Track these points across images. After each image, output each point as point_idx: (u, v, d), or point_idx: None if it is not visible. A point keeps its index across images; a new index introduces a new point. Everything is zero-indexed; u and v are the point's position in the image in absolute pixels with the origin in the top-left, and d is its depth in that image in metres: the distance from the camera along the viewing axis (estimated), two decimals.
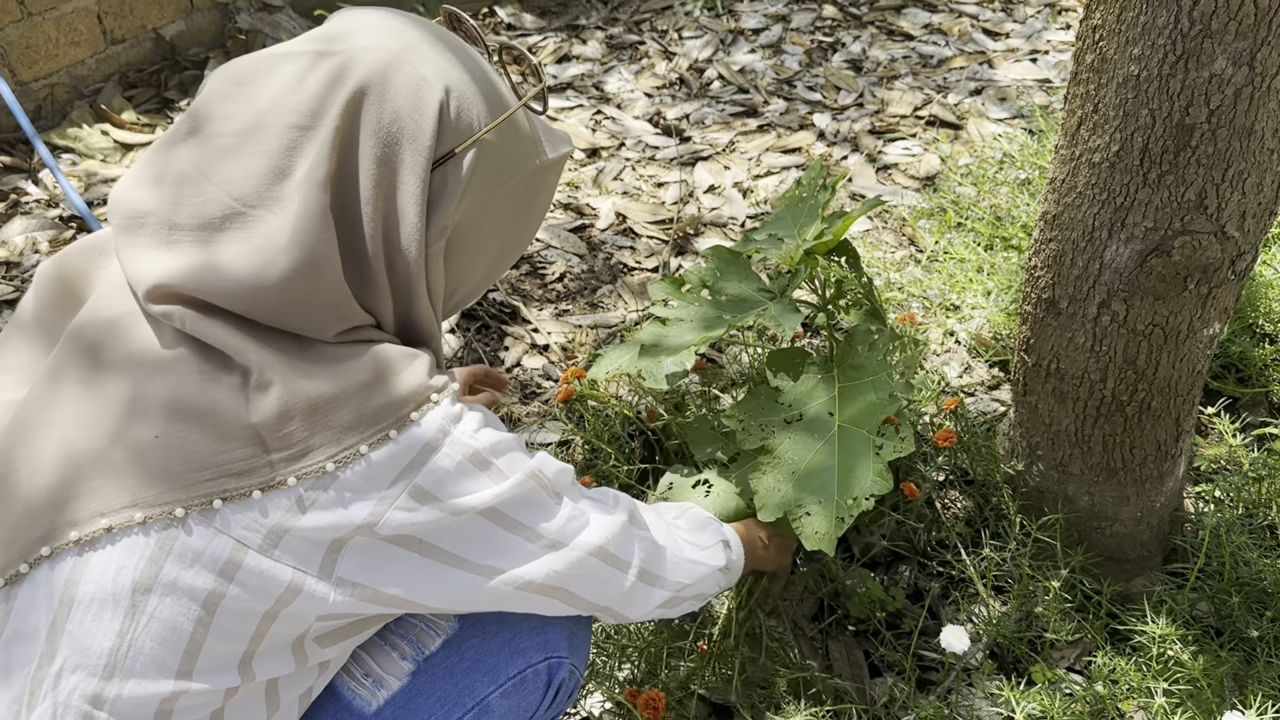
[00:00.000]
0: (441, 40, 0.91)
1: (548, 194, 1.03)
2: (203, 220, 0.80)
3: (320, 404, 0.79)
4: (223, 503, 0.77)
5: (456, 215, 0.89)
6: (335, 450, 0.79)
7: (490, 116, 0.90)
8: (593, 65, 3.36)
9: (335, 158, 0.82)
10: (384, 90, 0.84)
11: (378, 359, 0.83)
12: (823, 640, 1.50)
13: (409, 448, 0.82)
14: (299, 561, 0.79)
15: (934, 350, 2.02)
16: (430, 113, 0.85)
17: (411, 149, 0.84)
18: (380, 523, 0.80)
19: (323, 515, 0.79)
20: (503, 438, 0.89)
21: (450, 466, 0.83)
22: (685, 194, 2.68)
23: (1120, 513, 1.47)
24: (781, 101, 3.10)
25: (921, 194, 2.59)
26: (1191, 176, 1.16)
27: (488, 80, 0.92)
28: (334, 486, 0.79)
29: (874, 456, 1.22)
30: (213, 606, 0.77)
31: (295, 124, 0.82)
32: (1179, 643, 1.30)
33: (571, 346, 2.13)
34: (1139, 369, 1.33)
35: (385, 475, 0.81)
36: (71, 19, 2.99)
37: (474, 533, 0.86)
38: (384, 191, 0.84)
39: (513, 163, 0.93)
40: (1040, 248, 1.37)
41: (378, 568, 0.82)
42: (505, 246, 1.00)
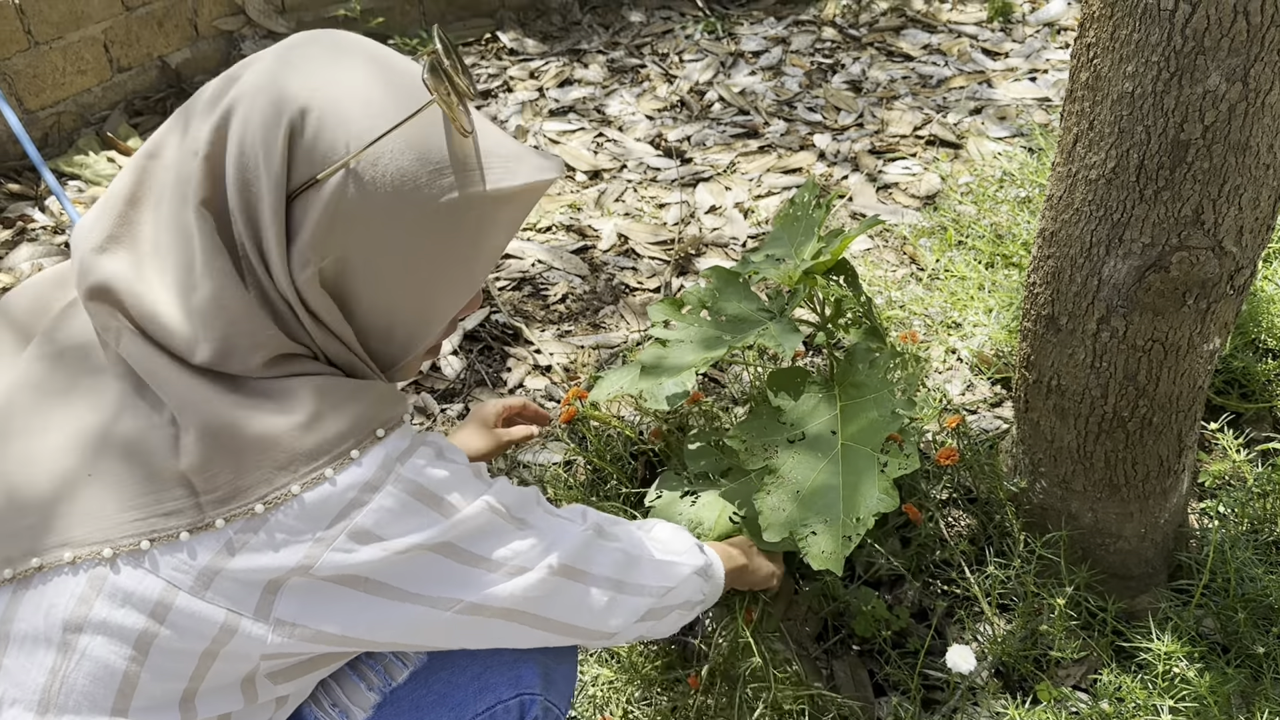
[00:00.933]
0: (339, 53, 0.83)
1: (502, 230, 0.88)
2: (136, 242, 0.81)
3: (249, 444, 0.77)
4: (150, 544, 0.76)
5: (335, 246, 0.81)
6: (265, 491, 0.77)
7: (367, 139, 0.80)
8: (594, 89, 3.39)
9: (209, 183, 0.79)
10: (247, 114, 0.79)
11: (314, 394, 0.80)
12: (827, 660, 1.49)
13: (347, 487, 0.79)
14: (232, 603, 0.77)
15: (936, 368, 2.02)
16: (279, 137, 0.78)
17: (265, 175, 0.78)
18: (316, 565, 0.78)
19: (254, 557, 0.77)
20: (454, 471, 0.85)
21: (393, 505, 0.80)
22: (687, 215, 2.69)
23: (1124, 529, 1.47)
24: (782, 122, 3.12)
25: (922, 213, 2.59)
26: (1188, 192, 1.17)
27: (375, 99, 0.81)
28: (264, 529, 0.77)
29: (879, 474, 1.22)
30: (145, 646, 0.76)
31: (193, 150, 0.80)
32: (1185, 660, 1.29)
33: (574, 367, 2.13)
34: (1139, 385, 1.33)
35: (321, 516, 0.78)
36: (79, 48, 3.02)
37: (425, 568, 0.83)
38: (248, 218, 0.79)
39: (416, 192, 0.81)
40: (1039, 264, 1.37)
41: (319, 608, 0.80)
42: (442, 285, 0.88)
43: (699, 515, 1.45)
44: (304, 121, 0.79)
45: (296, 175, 0.79)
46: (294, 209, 0.80)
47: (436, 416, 2.02)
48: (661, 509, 1.49)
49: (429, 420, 2.03)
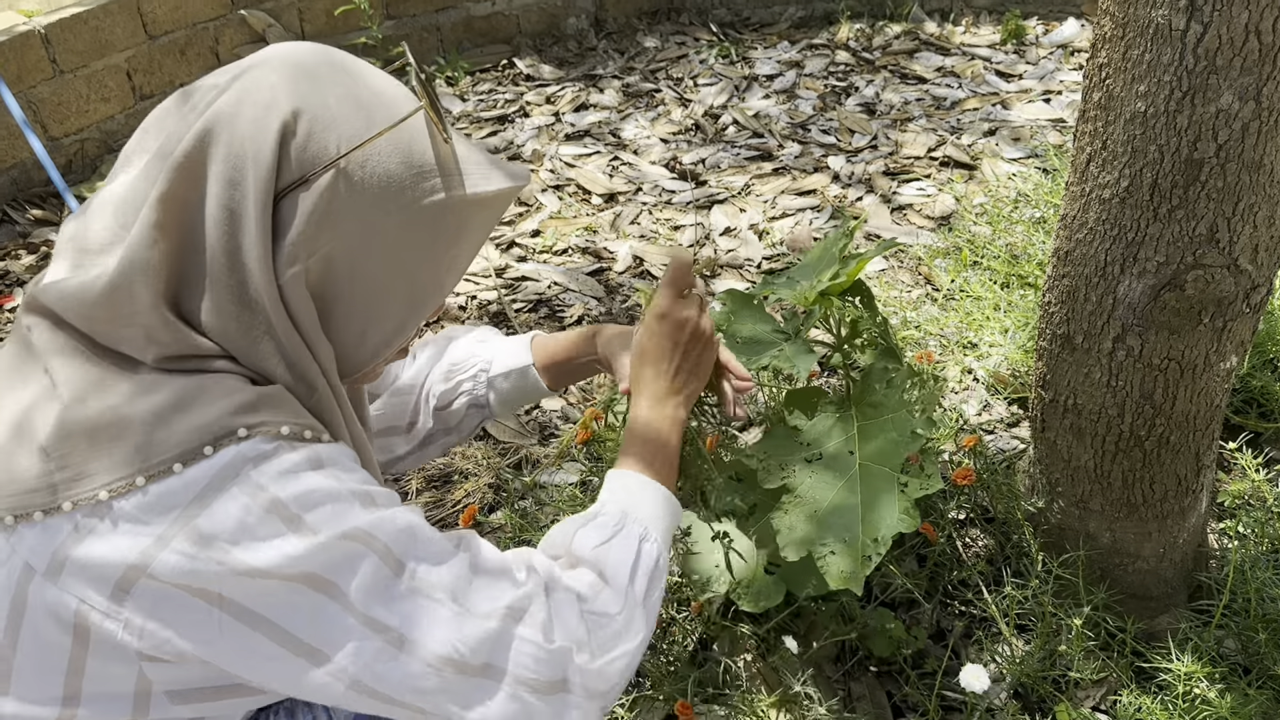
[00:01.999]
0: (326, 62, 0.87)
1: (476, 230, 0.92)
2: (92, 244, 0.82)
3: (100, 427, 0.76)
4: (15, 520, 0.76)
5: (321, 245, 0.83)
6: (110, 479, 0.75)
7: (357, 141, 0.83)
8: (610, 113, 3.41)
9: (179, 178, 0.79)
10: (235, 116, 0.81)
11: (188, 387, 0.79)
12: (845, 681, 1.49)
13: (192, 482, 0.75)
14: (83, 596, 0.75)
15: (952, 388, 2.02)
16: (270, 135, 0.80)
17: (254, 172, 0.79)
18: (155, 563, 0.74)
19: (96, 545, 0.75)
20: (326, 485, 0.79)
21: (236, 510, 0.75)
22: (701, 237, 2.70)
23: (1143, 549, 1.46)
24: (796, 145, 3.14)
25: (937, 233, 2.60)
26: (1202, 211, 1.17)
27: (364, 102, 0.85)
28: (109, 516, 0.75)
29: (899, 494, 1.22)
30: (15, 624, 0.76)
31: (164, 151, 0.82)
32: (1205, 681, 1.28)
33: (590, 388, 2.14)
34: (1156, 403, 1.33)
35: (163, 510, 0.75)
36: (102, 76, 3.07)
37: (286, 599, 0.77)
38: (229, 215, 0.80)
39: (401, 192, 0.85)
40: (1054, 284, 1.38)
41: (170, 617, 0.76)
42: (419, 284, 0.90)
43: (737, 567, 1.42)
44: (296, 123, 0.81)
45: (285, 175, 0.81)
46: (281, 208, 0.81)
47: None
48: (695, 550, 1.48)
49: None
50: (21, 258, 2.68)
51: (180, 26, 3.24)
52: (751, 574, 1.40)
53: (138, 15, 3.11)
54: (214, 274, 0.80)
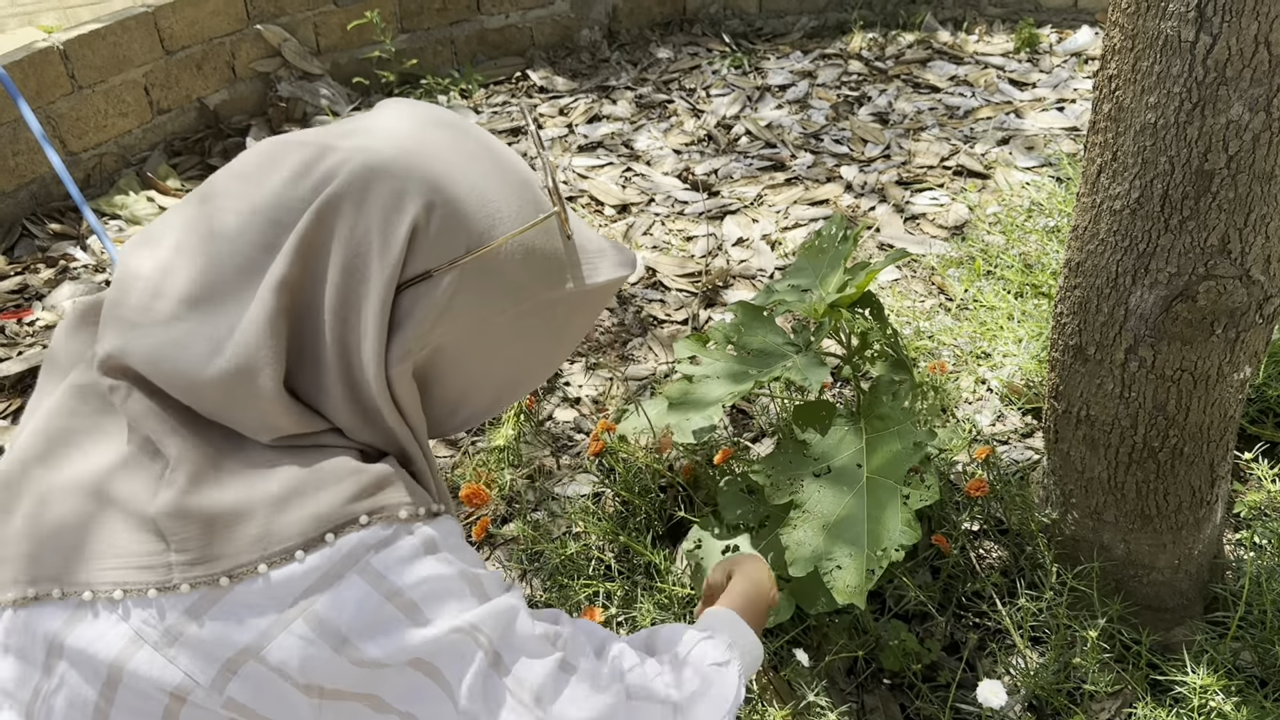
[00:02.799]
0: (457, 149, 0.85)
1: (585, 319, 0.93)
2: (178, 297, 0.80)
3: (220, 513, 0.75)
4: (124, 594, 0.76)
5: (434, 338, 0.82)
6: (231, 565, 0.75)
7: (485, 239, 0.82)
8: (623, 124, 3.43)
9: (299, 262, 0.78)
10: (362, 198, 0.79)
11: (307, 472, 0.78)
12: (859, 694, 1.48)
13: (313, 569, 0.75)
14: (190, 669, 0.75)
15: (966, 398, 2.01)
16: (401, 230, 0.78)
17: (378, 264, 0.78)
18: (269, 647, 0.74)
19: (214, 627, 0.74)
20: (441, 572, 0.79)
21: (357, 597, 0.75)
22: (714, 247, 2.71)
23: (1157, 560, 1.45)
24: (809, 155, 3.14)
25: (950, 243, 2.59)
26: (1213, 222, 1.17)
27: (493, 199, 0.83)
28: (227, 600, 0.75)
29: (901, 506, 1.22)
30: (113, 686, 0.76)
31: (277, 219, 0.79)
32: (1221, 693, 1.27)
33: (603, 399, 2.14)
34: (1169, 414, 1.32)
35: (284, 595, 0.75)
36: (120, 91, 3.10)
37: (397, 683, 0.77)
38: (346, 303, 0.79)
39: (518, 290, 0.85)
40: (1066, 294, 1.37)
41: (271, 705, 0.76)
42: (521, 372, 0.91)
43: None
44: (428, 217, 0.79)
45: (410, 269, 0.79)
46: (400, 300, 0.80)
47: (465, 447, 2.04)
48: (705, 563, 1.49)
49: (455, 451, 2.05)
50: (40, 271, 2.70)
51: (197, 41, 3.27)
52: None
53: (155, 31, 3.15)
54: (327, 360, 0.79)
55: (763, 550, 1.43)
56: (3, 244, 2.81)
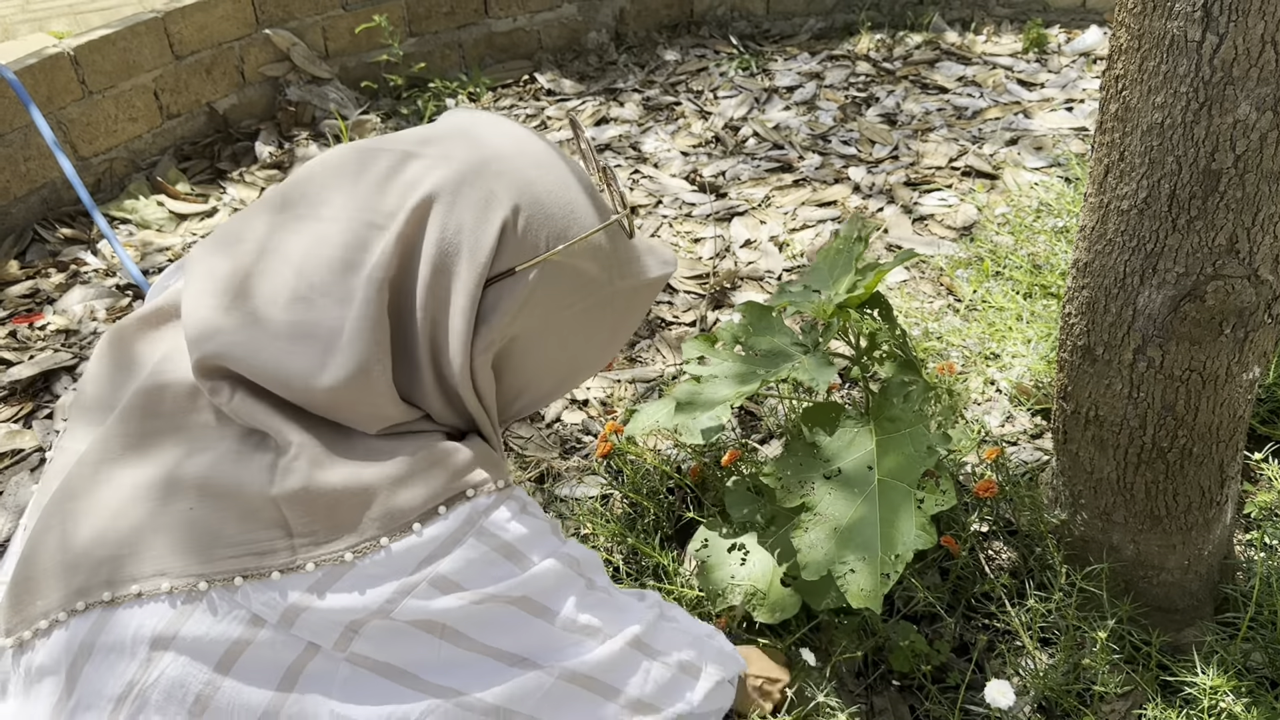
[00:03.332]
0: (534, 158, 0.91)
1: (636, 314, 1.02)
2: (270, 298, 0.83)
3: (345, 495, 0.81)
4: (244, 580, 0.79)
5: (513, 330, 0.89)
6: (356, 541, 0.80)
7: (563, 238, 0.89)
8: (630, 126, 3.43)
9: (397, 261, 0.84)
10: (453, 201, 0.85)
11: (416, 453, 0.84)
12: (868, 695, 1.48)
13: (432, 539, 0.82)
14: (314, 636, 0.80)
15: (974, 399, 2.01)
16: (492, 230, 0.85)
17: (469, 262, 0.84)
18: (398, 609, 0.81)
19: (340, 599, 0.80)
20: (534, 527, 0.88)
21: (475, 556, 0.83)
22: (722, 249, 2.71)
23: (1167, 561, 1.45)
24: (816, 156, 3.14)
25: (959, 244, 2.59)
26: (1221, 221, 1.17)
27: (571, 202, 0.91)
28: (351, 574, 0.80)
29: (915, 510, 1.22)
30: (223, 671, 0.79)
31: (370, 221, 0.84)
32: (1231, 694, 1.27)
33: (611, 401, 2.15)
34: (1178, 415, 1.32)
35: (406, 564, 0.81)
36: (130, 96, 3.12)
37: (499, 619, 0.85)
38: (437, 299, 0.84)
39: (587, 285, 0.93)
40: (1074, 295, 1.37)
41: (393, 649, 0.82)
42: (580, 363, 1.00)
43: (752, 578, 1.43)
44: (515, 219, 0.87)
45: (498, 265, 0.86)
46: (486, 294, 0.87)
47: None
48: (710, 562, 1.49)
49: None
50: (51, 276, 2.72)
51: (206, 46, 3.29)
52: (768, 586, 1.40)
53: (164, 35, 3.16)
54: (419, 353, 0.85)
55: (770, 548, 1.43)
56: (14, 249, 2.82)
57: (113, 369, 0.91)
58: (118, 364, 0.91)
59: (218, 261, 0.86)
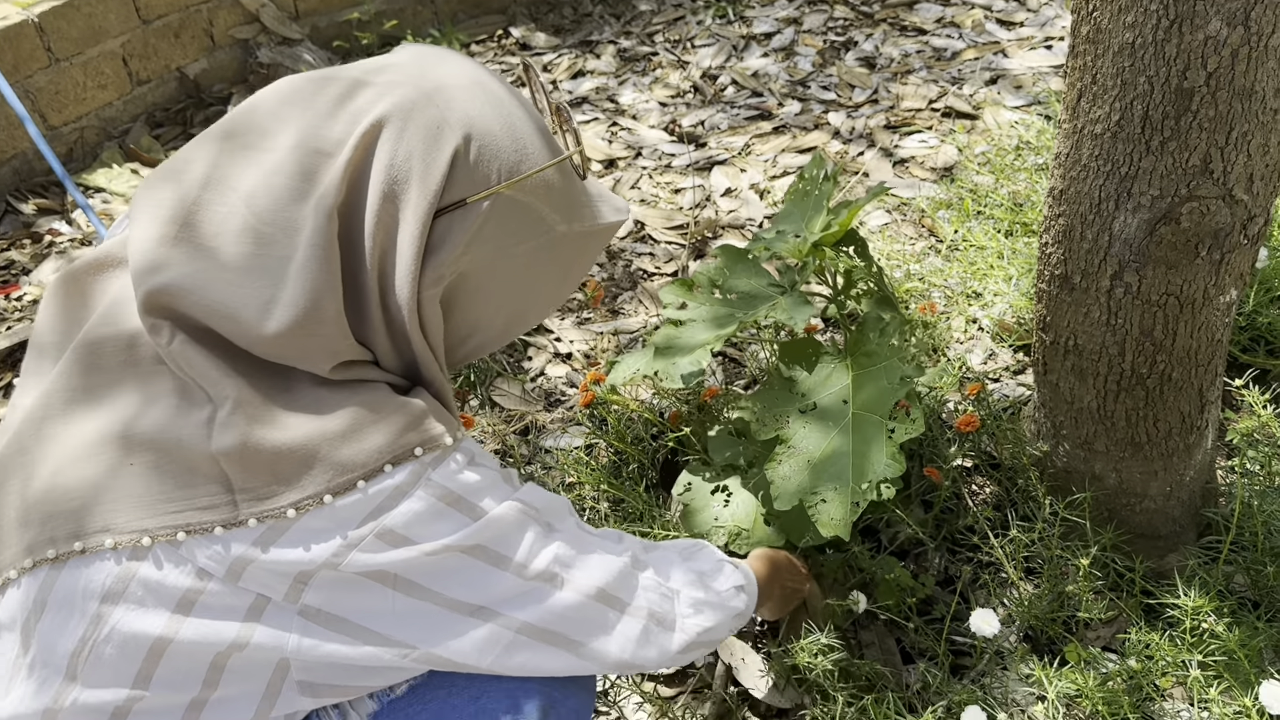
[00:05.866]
0: (485, 88, 0.89)
1: (586, 260, 1.00)
2: (218, 230, 0.81)
3: (286, 451, 0.79)
4: (187, 535, 0.78)
5: (462, 264, 0.87)
6: (299, 497, 0.79)
7: (515, 172, 0.87)
8: (607, 79, 3.39)
9: (346, 188, 0.82)
10: (404, 127, 0.83)
11: (360, 405, 0.82)
12: (855, 630, 1.49)
13: (377, 494, 0.81)
14: (262, 588, 0.79)
15: (957, 338, 2.01)
16: (444, 157, 0.83)
17: (419, 189, 0.82)
18: (345, 562, 0.79)
19: (285, 553, 0.79)
20: (485, 475, 0.87)
21: (423, 508, 0.82)
22: (702, 199, 2.69)
23: (1149, 488, 1.46)
24: (796, 103, 3.11)
25: (940, 185, 2.58)
26: (1194, 141, 1.16)
27: (523, 136, 0.89)
28: (294, 528, 0.79)
29: (887, 440, 1.22)
30: (175, 625, 0.78)
31: (318, 149, 0.82)
32: (1213, 615, 1.28)
33: (594, 354, 2.14)
34: (1156, 340, 1.32)
35: (352, 518, 0.80)
36: (98, 63, 3.06)
37: (453, 569, 0.84)
38: (385, 228, 0.82)
39: (537, 224, 0.91)
40: (1050, 224, 1.36)
41: (346, 600, 0.81)
42: (528, 304, 0.97)
43: (735, 519, 1.44)
44: (467, 148, 0.85)
45: (448, 195, 0.84)
46: (436, 225, 0.85)
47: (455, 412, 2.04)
48: (693, 505, 1.49)
49: None
50: (26, 247, 2.69)
51: (173, 10, 3.23)
52: (752, 525, 1.40)
53: (130, 0, 3.10)
54: (367, 285, 0.83)
55: (753, 490, 1.43)
56: None
57: (63, 315, 0.90)
58: (67, 310, 0.90)
59: (164, 195, 0.83)
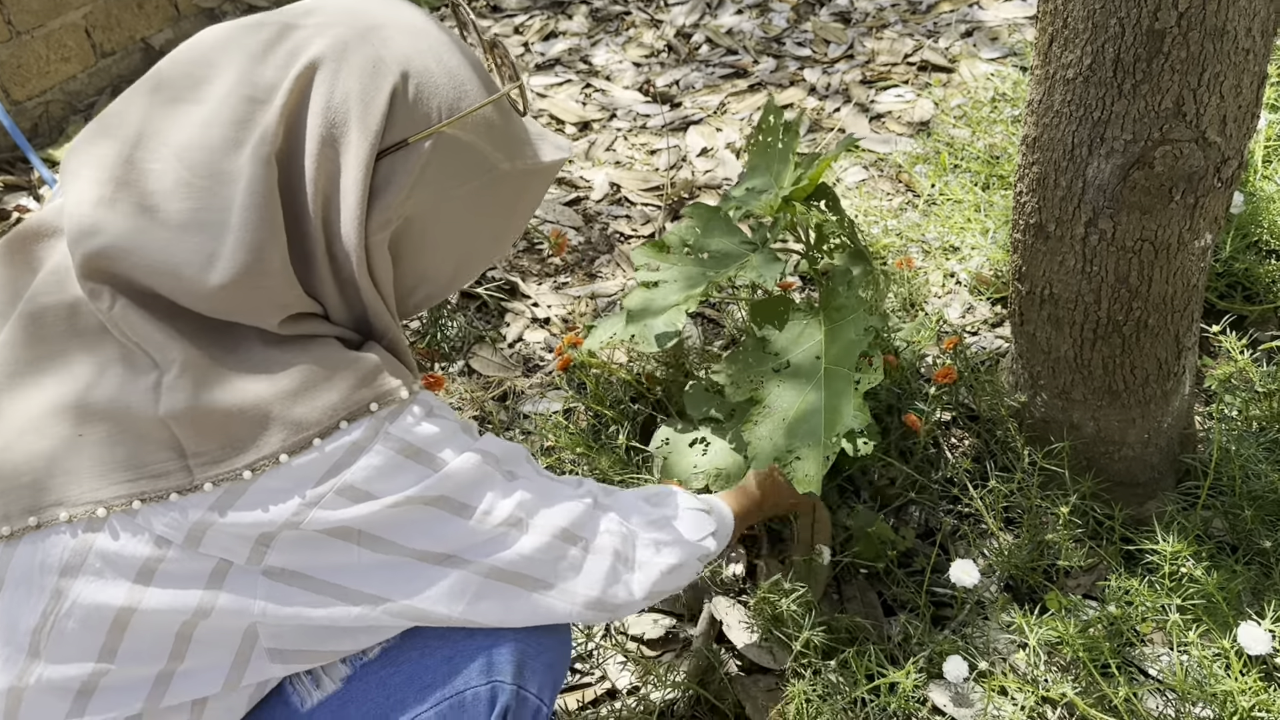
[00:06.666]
0: (418, 27, 0.87)
1: (530, 200, 0.98)
2: (154, 186, 0.78)
3: (237, 412, 0.77)
4: (141, 504, 0.77)
5: (407, 208, 0.85)
6: (254, 458, 0.77)
7: (455, 109, 0.85)
8: (579, 39, 3.35)
9: (283, 134, 0.79)
10: (338, 68, 0.81)
11: (312, 362, 0.80)
12: (836, 584, 1.49)
13: (334, 452, 0.79)
14: (224, 553, 0.78)
15: (935, 293, 2.00)
16: (382, 97, 0.81)
17: (359, 131, 0.80)
18: (306, 521, 0.78)
19: (244, 515, 0.77)
20: (443, 426, 0.86)
21: (382, 463, 0.81)
22: (678, 159, 2.66)
23: (1127, 436, 1.46)
24: (771, 60, 3.08)
25: (916, 140, 2.56)
26: (1167, 84, 1.14)
27: (460, 73, 0.87)
28: (251, 490, 0.78)
29: (853, 392, 1.21)
30: (137, 596, 0.77)
31: (251, 96, 0.79)
32: (1192, 560, 1.28)
33: (572, 318, 2.13)
34: (1132, 287, 1.31)
35: (310, 476, 0.78)
36: (60, 35, 3.00)
37: (416, 521, 0.83)
38: (326, 172, 0.80)
39: (480, 163, 0.89)
40: (1024, 172, 1.35)
41: (310, 558, 0.80)
42: (475, 248, 0.96)
43: (715, 465, 1.43)
44: (406, 86, 0.82)
45: (389, 135, 0.82)
46: (379, 168, 0.83)
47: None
48: (671, 459, 1.48)
49: None
50: None
51: None
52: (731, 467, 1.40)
53: None
54: (311, 231, 0.81)
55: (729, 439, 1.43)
56: None
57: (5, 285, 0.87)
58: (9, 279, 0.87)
59: (96, 155, 0.81)
